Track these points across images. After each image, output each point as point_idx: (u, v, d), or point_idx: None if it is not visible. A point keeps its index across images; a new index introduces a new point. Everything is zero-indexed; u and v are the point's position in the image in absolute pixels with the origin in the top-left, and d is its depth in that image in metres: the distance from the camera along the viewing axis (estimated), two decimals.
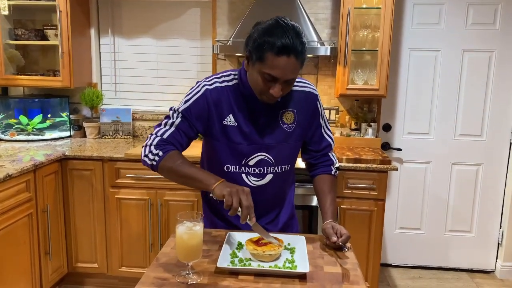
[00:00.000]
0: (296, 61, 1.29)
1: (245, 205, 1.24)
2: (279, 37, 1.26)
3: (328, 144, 1.61)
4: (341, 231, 1.38)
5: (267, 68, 1.30)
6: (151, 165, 1.42)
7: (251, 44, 1.32)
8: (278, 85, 1.32)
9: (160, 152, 1.40)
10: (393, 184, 3.27)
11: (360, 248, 2.64)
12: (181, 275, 1.21)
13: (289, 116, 1.49)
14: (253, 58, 1.32)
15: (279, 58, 1.27)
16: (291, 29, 1.28)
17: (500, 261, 3.23)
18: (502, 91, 3.09)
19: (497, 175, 3.18)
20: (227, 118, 1.45)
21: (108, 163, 2.73)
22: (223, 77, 1.48)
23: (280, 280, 1.20)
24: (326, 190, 1.56)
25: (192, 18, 3.27)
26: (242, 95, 1.45)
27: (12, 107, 3.24)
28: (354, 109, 3.15)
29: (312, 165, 1.63)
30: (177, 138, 1.44)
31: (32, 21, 3.27)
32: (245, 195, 1.26)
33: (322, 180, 1.59)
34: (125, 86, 3.42)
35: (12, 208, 2.27)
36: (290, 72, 1.31)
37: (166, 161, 1.39)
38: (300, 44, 1.29)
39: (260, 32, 1.30)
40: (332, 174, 1.60)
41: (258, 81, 1.34)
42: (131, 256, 2.83)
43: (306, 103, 1.52)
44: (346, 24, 2.77)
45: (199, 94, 1.45)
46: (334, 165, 1.61)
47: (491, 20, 3.01)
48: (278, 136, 1.47)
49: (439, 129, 3.18)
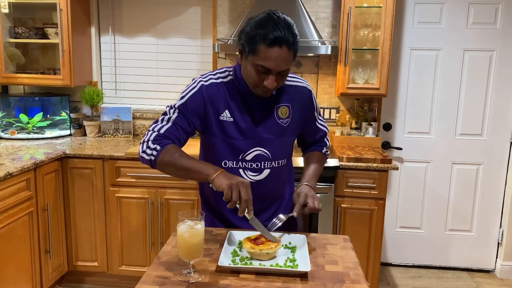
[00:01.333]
0: (288, 52, 1.31)
1: (244, 199, 1.25)
2: (271, 29, 1.28)
3: (323, 133, 1.69)
4: (309, 205, 1.41)
5: (260, 60, 1.31)
6: (149, 160, 1.40)
7: (244, 37, 1.34)
8: (272, 76, 1.34)
9: (157, 146, 1.39)
10: (394, 183, 3.27)
11: (360, 247, 2.64)
12: (182, 274, 1.21)
13: (284, 111, 1.51)
14: (246, 51, 1.34)
15: (272, 49, 1.29)
16: (283, 21, 1.30)
17: (500, 260, 3.23)
18: (503, 91, 3.09)
19: (498, 175, 3.19)
20: (224, 114, 1.46)
21: (108, 161, 2.73)
22: (218, 73, 1.50)
23: (281, 279, 1.20)
24: (311, 160, 1.64)
25: (193, 17, 3.27)
26: (238, 90, 1.46)
27: (13, 105, 3.24)
28: (355, 108, 3.15)
29: (307, 149, 1.73)
30: (175, 133, 1.43)
31: (32, 19, 3.26)
32: (244, 188, 1.26)
33: (311, 154, 1.68)
34: (125, 85, 3.41)
35: (12, 206, 2.27)
36: (283, 63, 1.32)
37: (164, 155, 1.38)
38: (292, 35, 1.30)
39: (252, 25, 1.32)
40: (323, 152, 1.69)
41: (252, 74, 1.35)
42: (132, 254, 2.83)
43: (300, 98, 1.54)
44: (347, 23, 2.77)
45: (195, 89, 1.46)
46: (326, 146, 1.70)
47: (492, 19, 3.01)
48: (274, 131, 1.49)
49: (439, 128, 3.18)
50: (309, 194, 1.44)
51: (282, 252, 1.35)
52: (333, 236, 1.53)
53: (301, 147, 1.75)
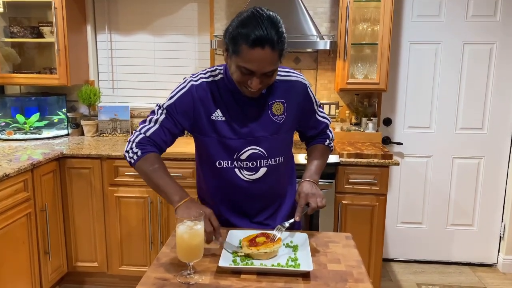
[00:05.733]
0: (272, 52, 1.24)
1: (207, 231, 1.25)
2: (252, 28, 1.22)
3: (325, 125, 1.63)
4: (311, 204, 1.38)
5: (242, 62, 1.26)
6: (130, 162, 1.44)
7: (227, 37, 1.30)
8: (256, 78, 1.29)
9: (139, 151, 1.41)
10: (394, 179, 3.25)
11: (362, 243, 2.62)
12: (182, 275, 1.19)
13: (279, 107, 1.46)
14: (230, 51, 1.29)
15: (253, 51, 1.23)
16: (266, 19, 1.23)
17: (502, 254, 3.22)
18: (503, 84, 3.07)
19: (499, 169, 3.17)
20: (215, 113, 1.43)
21: (106, 161, 2.70)
22: (209, 72, 1.46)
23: (283, 279, 1.18)
24: (313, 154, 1.60)
25: (190, 14, 3.23)
26: (229, 89, 1.42)
27: (9, 105, 3.21)
28: (354, 103, 3.12)
29: (309, 142, 1.67)
30: (161, 135, 1.43)
31: (27, 18, 3.23)
32: (207, 219, 1.26)
33: (314, 147, 1.64)
34: (122, 83, 3.38)
35: (10, 208, 2.25)
36: (267, 64, 1.26)
37: (143, 162, 1.40)
38: (276, 33, 1.23)
39: (234, 25, 1.27)
40: (326, 144, 1.63)
41: (236, 74, 1.31)
42: (131, 254, 2.81)
43: (295, 93, 1.49)
44: (345, 18, 2.74)
45: (185, 90, 1.44)
46: (329, 138, 1.64)
47: (492, 11, 2.98)
48: (268, 128, 1.45)
49: (440, 122, 3.15)
50: (310, 193, 1.41)
51: (284, 252, 1.33)
52: (335, 234, 1.51)
53: (304, 142, 1.70)
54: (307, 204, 1.39)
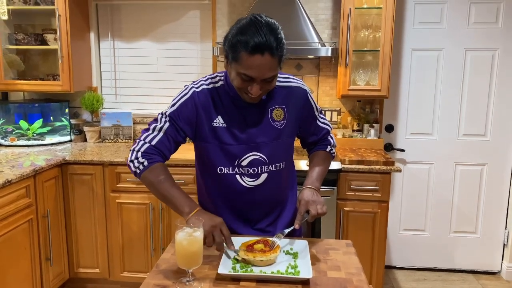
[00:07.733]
0: (272, 59, 1.25)
1: (217, 241, 1.27)
2: (252, 35, 1.23)
3: (326, 131, 1.63)
4: (311, 212, 1.37)
5: (242, 68, 1.27)
6: (135, 172, 1.43)
7: (227, 44, 1.30)
8: (256, 84, 1.30)
9: (145, 161, 1.40)
10: (397, 185, 3.24)
11: (364, 250, 2.60)
12: (181, 282, 1.19)
13: (279, 113, 1.47)
14: (230, 58, 1.30)
15: (253, 58, 1.24)
16: (265, 26, 1.24)
17: (506, 262, 3.19)
18: (506, 90, 3.06)
19: (502, 175, 3.15)
20: (216, 120, 1.43)
21: (108, 167, 2.71)
22: (209, 79, 1.47)
23: (282, 286, 1.17)
24: (314, 161, 1.59)
25: (192, 21, 3.25)
26: (229, 95, 1.43)
27: (12, 112, 3.23)
28: (356, 110, 3.12)
29: (311, 149, 1.67)
30: (165, 144, 1.43)
31: (31, 25, 3.26)
32: (218, 230, 1.28)
33: (315, 154, 1.63)
34: (125, 90, 3.40)
35: (12, 214, 2.26)
36: (267, 71, 1.27)
37: (149, 173, 1.40)
38: (275, 40, 1.24)
39: (233, 32, 1.28)
40: (327, 151, 1.62)
41: (236, 81, 1.32)
42: (133, 261, 2.80)
43: (295, 98, 1.50)
44: (347, 25, 2.75)
45: (187, 96, 1.44)
46: (330, 145, 1.64)
47: (494, 18, 2.98)
48: (268, 134, 1.45)
49: (442, 129, 3.15)
50: (310, 200, 1.40)
51: (284, 259, 1.32)
52: (335, 241, 1.51)
53: (306, 149, 1.70)
54: (307, 211, 1.39)
